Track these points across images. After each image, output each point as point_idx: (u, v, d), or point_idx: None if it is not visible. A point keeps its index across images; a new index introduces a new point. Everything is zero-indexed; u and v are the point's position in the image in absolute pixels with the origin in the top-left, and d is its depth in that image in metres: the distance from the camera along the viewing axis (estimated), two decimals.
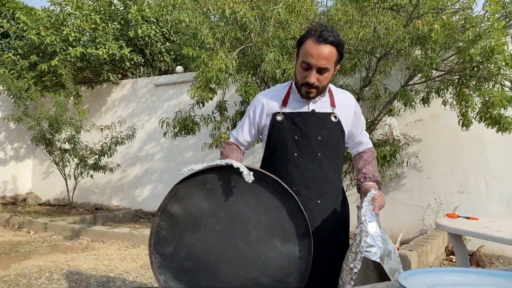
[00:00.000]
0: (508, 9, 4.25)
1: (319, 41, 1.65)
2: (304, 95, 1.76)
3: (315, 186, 1.76)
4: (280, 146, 1.79)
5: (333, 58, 1.69)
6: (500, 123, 4.28)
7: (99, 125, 7.35)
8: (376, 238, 1.46)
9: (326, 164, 1.78)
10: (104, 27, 7.65)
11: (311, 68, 1.68)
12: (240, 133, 1.95)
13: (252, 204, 1.57)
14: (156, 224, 1.56)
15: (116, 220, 7.36)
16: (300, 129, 1.76)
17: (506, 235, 2.33)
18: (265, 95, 1.89)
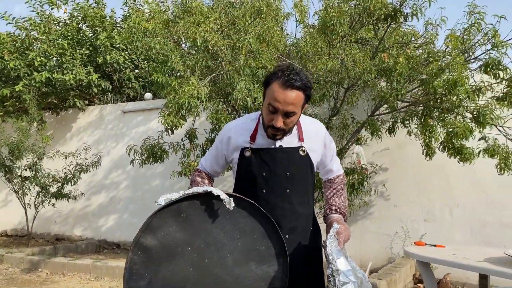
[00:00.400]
0: (467, 45, 4.49)
1: (285, 86, 1.61)
2: (270, 137, 1.73)
3: (285, 223, 1.73)
4: (249, 182, 1.77)
5: (300, 102, 1.66)
6: (462, 153, 4.44)
7: (63, 152, 7.13)
8: (348, 273, 1.47)
9: (295, 199, 1.76)
10: (72, 53, 7.54)
11: (277, 113, 1.65)
12: (209, 162, 1.94)
13: (228, 230, 1.56)
14: (129, 259, 1.51)
15: (78, 251, 7.05)
16: (269, 165, 1.74)
17: (473, 262, 2.37)
18: (233, 127, 1.85)
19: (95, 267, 5.47)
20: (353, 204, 5.46)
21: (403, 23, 4.69)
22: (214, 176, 1.98)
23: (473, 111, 4.35)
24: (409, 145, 5.53)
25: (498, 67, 4.10)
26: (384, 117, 5.24)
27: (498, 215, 5.14)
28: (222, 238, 1.55)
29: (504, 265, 2.25)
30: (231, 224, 1.56)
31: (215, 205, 1.55)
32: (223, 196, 1.50)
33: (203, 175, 1.92)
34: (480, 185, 5.25)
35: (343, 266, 1.48)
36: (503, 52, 4.15)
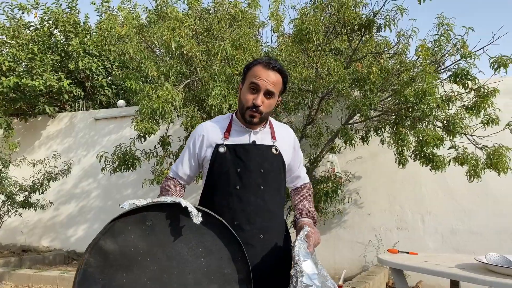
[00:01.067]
0: (437, 55, 4.59)
1: (268, 67, 1.72)
2: (248, 120, 1.75)
3: (258, 220, 1.71)
4: (223, 179, 1.75)
5: (279, 86, 1.76)
6: (433, 162, 4.52)
7: (31, 159, 6.89)
8: (313, 276, 1.43)
9: (268, 197, 1.75)
10: (42, 58, 7.35)
11: (259, 90, 1.71)
12: (180, 167, 1.88)
13: (193, 246, 1.48)
14: (85, 260, 1.41)
15: (45, 262, 6.80)
16: (243, 161, 1.74)
17: (444, 268, 2.39)
18: (206, 126, 1.86)
19: (63, 278, 5.27)
20: (327, 213, 5.47)
21: (376, 33, 4.77)
22: (186, 183, 1.93)
23: (443, 120, 4.44)
24: (382, 154, 5.60)
25: (467, 77, 4.21)
26: (358, 125, 5.29)
27: (467, 223, 5.24)
28: (186, 254, 1.47)
29: (474, 271, 2.28)
30: (197, 241, 1.48)
31: (183, 218, 1.47)
32: (191, 208, 1.43)
33: (173, 183, 1.87)
34: (451, 193, 5.36)
35: (309, 269, 1.44)
36: (471, 62, 4.27)
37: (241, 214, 1.69)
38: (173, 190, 1.83)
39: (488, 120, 4.36)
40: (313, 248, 1.58)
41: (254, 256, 1.62)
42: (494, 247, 4.94)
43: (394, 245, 5.43)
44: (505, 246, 5.01)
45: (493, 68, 4.14)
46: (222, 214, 1.66)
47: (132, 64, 4.78)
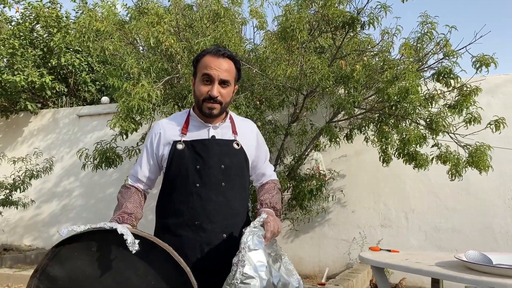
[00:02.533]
0: (421, 54, 4.60)
1: (217, 55, 1.65)
2: (207, 112, 1.67)
3: (220, 219, 1.63)
4: (181, 177, 1.66)
5: (233, 73, 1.69)
6: (416, 160, 4.53)
7: (12, 156, 6.76)
8: (260, 268, 1.35)
9: (230, 194, 1.67)
10: (23, 53, 7.21)
11: (213, 81, 1.63)
12: (139, 169, 1.76)
13: (141, 274, 1.40)
14: (33, 286, 1.37)
15: (27, 261, 6.68)
16: (202, 157, 1.66)
17: (424, 266, 2.38)
18: (162, 123, 1.77)
19: None
20: (311, 210, 5.46)
21: (360, 31, 4.76)
22: (148, 187, 1.80)
23: (426, 118, 4.46)
24: (367, 152, 5.61)
25: (450, 76, 4.23)
26: (342, 123, 5.29)
27: (450, 220, 5.28)
28: (136, 281, 1.39)
29: (454, 269, 2.28)
30: (145, 268, 1.40)
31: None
32: (127, 236, 1.34)
33: (131, 192, 1.72)
34: (434, 191, 5.39)
35: (257, 259, 1.36)
36: (454, 61, 4.29)
37: (202, 213, 1.61)
38: (128, 201, 1.67)
39: (470, 119, 4.39)
40: (271, 238, 1.48)
41: (218, 257, 1.57)
42: (476, 244, 4.99)
43: (378, 242, 5.45)
44: (487, 243, 5.06)
45: (475, 67, 4.16)
46: (182, 214, 1.60)
47: (114, 60, 4.70)
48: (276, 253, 1.52)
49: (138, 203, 1.70)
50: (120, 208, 1.65)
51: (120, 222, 1.58)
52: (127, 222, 1.59)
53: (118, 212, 1.63)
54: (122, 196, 1.71)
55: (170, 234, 1.62)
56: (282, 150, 5.24)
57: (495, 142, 4.64)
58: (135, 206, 1.67)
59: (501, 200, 5.12)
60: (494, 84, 5.29)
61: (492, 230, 5.11)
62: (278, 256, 1.53)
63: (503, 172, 5.07)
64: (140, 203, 1.72)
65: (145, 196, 1.79)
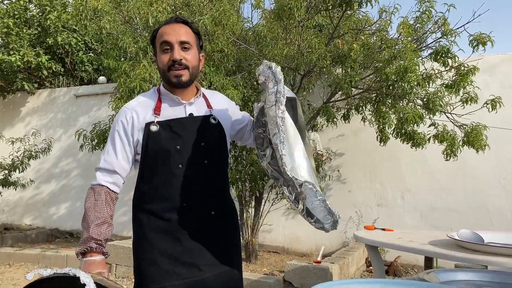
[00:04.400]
0: (419, 33, 4.57)
1: (170, 21, 1.60)
2: (175, 81, 1.55)
3: (206, 198, 1.59)
4: (162, 159, 1.55)
5: (192, 36, 1.59)
6: (413, 139, 4.55)
7: (10, 137, 6.76)
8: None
9: (214, 171, 1.62)
10: (19, 32, 7.13)
11: (172, 45, 1.54)
12: (114, 161, 1.56)
13: None
14: None
15: (28, 240, 6.76)
16: (181, 136, 1.56)
17: (417, 245, 2.42)
18: (132, 106, 1.61)
19: (44, 256, 5.26)
20: None
21: (358, 9, 4.71)
22: (123, 181, 1.61)
23: (423, 98, 4.46)
24: (364, 132, 5.62)
25: (447, 55, 4.21)
26: (339, 103, 5.29)
27: (445, 200, 5.33)
28: None
29: (446, 247, 2.32)
30: None
31: None
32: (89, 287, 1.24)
33: (101, 197, 1.52)
34: (430, 171, 5.43)
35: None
36: (452, 40, 4.26)
37: (189, 195, 1.55)
38: (98, 211, 1.49)
39: (467, 98, 4.39)
40: None
41: (210, 236, 1.57)
42: (471, 223, 5.05)
43: (374, 221, 5.51)
44: (481, 222, 5.12)
45: (472, 46, 4.14)
46: (168, 197, 1.54)
47: (111, 39, 4.66)
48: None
49: (106, 216, 1.51)
50: (88, 220, 1.47)
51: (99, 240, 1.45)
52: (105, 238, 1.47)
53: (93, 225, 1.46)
54: (91, 206, 1.51)
55: (157, 219, 1.55)
56: None
57: (492, 122, 4.66)
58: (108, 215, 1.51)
59: (496, 180, 5.16)
60: (492, 63, 5.27)
61: (486, 209, 5.16)
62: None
63: (499, 152, 5.09)
64: (111, 211, 1.54)
65: (115, 198, 1.59)
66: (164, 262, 1.51)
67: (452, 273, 1.45)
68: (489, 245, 2.12)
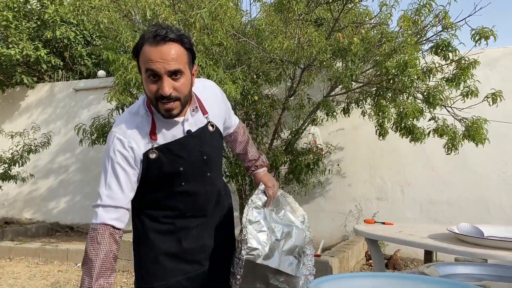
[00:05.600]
0: (419, 26, 4.55)
1: (156, 41, 1.33)
2: (166, 114, 1.40)
3: (209, 207, 1.61)
4: (164, 182, 1.49)
5: (183, 58, 1.38)
6: (413, 133, 4.54)
7: (9, 131, 6.75)
8: (261, 236, 1.45)
9: (215, 179, 1.61)
10: (17, 25, 7.09)
11: (160, 76, 1.35)
12: (120, 196, 1.42)
13: None
14: None
15: (28, 234, 6.78)
16: (183, 158, 1.48)
17: (417, 239, 2.42)
18: (127, 135, 1.44)
19: (44, 250, 5.27)
20: (308, 184, 5.51)
21: (358, 3, 4.68)
22: (127, 215, 1.48)
23: (423, 92, 4.44)
24: (364, 126, 5.61)
25: (448, 49, 4.19)
26: (339, 97, 5.27)
27: (445, 193, 5.34)
28: None
29: (446, 241, 2.32)
30: None
31: None
32: None
33: (105, 242, 1.37)
34: (430, 164, 5.43)
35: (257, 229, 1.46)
36: (453, 33, 4.24)
37: (192, 207, 1.55)
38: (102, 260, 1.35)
39: (468, 92, 4.37)
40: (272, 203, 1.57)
41: (211, 234, 1.60)
42: (471, 217, 5.06)
43: (374, 215, 5.52)
44: (481, 216, 5.12)
45: (474, 40, 4.11)
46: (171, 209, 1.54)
47: (110, 33, 4.63)
48: (278, 204, 1.63)
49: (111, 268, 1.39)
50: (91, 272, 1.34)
51: None
52: None
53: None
54: (94, 255, 1.35)
55: (159, 223, 1.53)
56: (279, 124, 5.25)
57: (492, 116, 4.64)
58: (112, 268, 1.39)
59: (496, 173, 5.16)
60: (493, 57, 5.25)
61: (486, 203, 5.17)
62: (280, 204, 1.64)
63: (499, 146, 5.09)
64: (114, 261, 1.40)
65: (119, 238, 1.44)
66: (166, 260, 1.51)
67: (452, 267, 1.45)
68: (489, 239, 2.12)
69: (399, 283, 1.10)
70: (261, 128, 5.09)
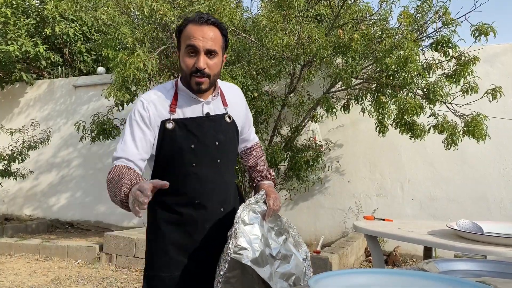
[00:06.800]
0: (419, 22, 4.54)
1: (200, 22, 1.51)
2: (195, 88, 1.55)
3: (217, 195, 1.63)
4: (176, 158, 1.57)
5: (219, 41, 1.55)
6: (413, 130, 4.54)
7: (9, 127, 6.74)
8: (254, 241, 1.39)
9: (224, 169, 1.65)
10: (16, 22, 7.07)
11: (199, 52, 1.50)
12: (134, 151, 1.53)
13: None
14: None
15: (28, 231, 6.78)
16: (196, 136, 1.57)
17: (416, 235, 2.43)
18: (150, 99, 1.59)
19: (44, 247, 5.28)
20: (308, 180, 5.51)
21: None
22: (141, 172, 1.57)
23: (423, 88, 4.44)
24: (363, 122, 5.61)
25: (448, 45, 4.18)
26: (339, 94, 5.27)
27: (445, 190, 5.34)
28: None
29: (446, 237, 2.32)
30: None
31: None
32: None
33: (123, 167, 1.48)
34: (430, 161, 5.43)
35: (251, 232, 1.40)
36: (453, 30, 4.23)
37: (201, 193, 1.59)
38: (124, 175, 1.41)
39: (468, 88, 4.37)
40: (271, 215, 1.52)
41: (217, 230, 1.58)
42: (470, 213, 5.07)
43: (373, 211, 5.53)
44: (480, 212, 5.13)
45: (474, 36, 4.11)
46: (181, 194, 1.56)
47: (109, 30, 4.62)
48: (280, 227, 1.57)
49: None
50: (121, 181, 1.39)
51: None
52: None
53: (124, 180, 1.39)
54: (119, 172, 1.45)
55: (169, 212, 1.59)
56: (279, 121, 5.24)
57: (492, 112, 4.64)
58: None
59: (496, 170, 5.16)
60: (493, 53, 5.24)
61: (486, 199, 5.17)
62: (283, 230, 1.58)
63: (499, 142, 5.09)
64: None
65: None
66: (174, 252, 1.57)
67: (451, 263, 1.45)
68: (489, 235, 2.13)
69: (399, 279, 1.10)
70: (260, 125, 5.09)
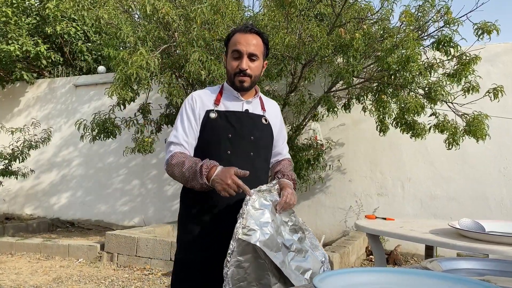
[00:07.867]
0: (421, 22, 4.53)
1: (245, 31, 1.78)
2: (238, 86, 1.80)
3: (248, 185, 1.66)
4: (213, 144, 1.78)
5: (261, 48, 1.80)
6: (414, 129, 4.54)
7: (10, 127, 6.74)
8: (264, 224, 1.46)
9: (257, 164, 1.81)
10: (17, 21, 7.07)
11: (242, 55, 1.76)
12: (184, 137, 1.79)
13: None
14: None
15: (29, 230, 6.79)
16: (234, 127, 1.78)
17: (418, 234, 2.42)
18: (197, 93, 1.88)
19: (45, 246, 5.28)
20: (309, 179, 5.52)
21: None
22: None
23: (425, 87, 4.43)
24: (364, 121, 5.61)
25: (450, 44, 4.18)
26: (340, 93, 5.27)
27: (446, 189, 5.35)
28: None
29: (447, 236, 2.32)
30: None
31: None
32: None
33: (184, 154, 1.77)
34: (430, 160, 5.43)
35: (260, 217, 1.46)
36: (455, 29, 4.23)
37: None
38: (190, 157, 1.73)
39: (469, 88, 4.37)
40: (284, 206, 1.62)
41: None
42: (471, 212, 5.07)
43: (374, 210, 5.53)
44: (481, 211, 5.14)
45: (477, 35, 4.10)
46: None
47: (110, 29, 4.62)
48: (295, 224, 1.64)
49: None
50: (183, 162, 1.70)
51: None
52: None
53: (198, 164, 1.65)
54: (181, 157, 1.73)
55: (202, 198, 1.74)
56: None
57: (493, 112, 4.64)
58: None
59: (496, 169, 5.16)
60: (494, 52, 5.24)
61: (486, 198, 5.18)
62: (298, 228, 1.66)
63: (499, 141, 5.09)
64: None
65: None
66: (203, 234, 1.73)
67: (454, 262, 1.45)
68: (490, 234, 2.13)
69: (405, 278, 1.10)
70: None
